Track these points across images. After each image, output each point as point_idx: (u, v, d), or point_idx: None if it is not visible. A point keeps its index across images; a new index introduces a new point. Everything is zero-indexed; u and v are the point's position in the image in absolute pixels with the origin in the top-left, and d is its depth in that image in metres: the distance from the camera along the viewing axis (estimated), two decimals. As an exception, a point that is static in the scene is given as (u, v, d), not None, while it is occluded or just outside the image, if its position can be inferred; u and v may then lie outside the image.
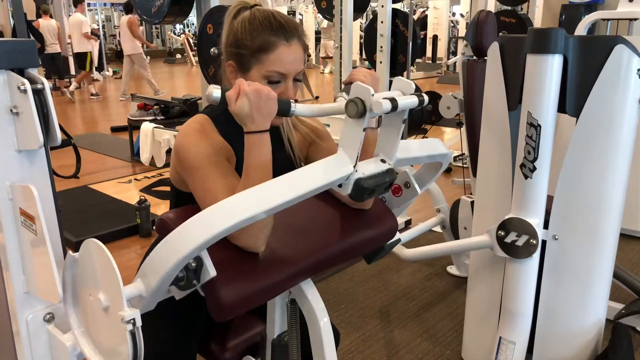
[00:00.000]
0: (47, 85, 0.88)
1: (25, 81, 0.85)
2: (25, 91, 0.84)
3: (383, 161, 0.97)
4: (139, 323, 0.78)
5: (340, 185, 0.91)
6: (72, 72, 11.38)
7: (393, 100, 0.87)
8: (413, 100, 0.92)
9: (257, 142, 1.00)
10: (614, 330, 1.83)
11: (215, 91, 0.96)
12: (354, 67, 4.15)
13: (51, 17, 10.08)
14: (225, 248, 1.04)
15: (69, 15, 11.48)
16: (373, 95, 0.86)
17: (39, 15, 10.04)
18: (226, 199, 0.83)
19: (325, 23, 12.61)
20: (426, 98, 0.94)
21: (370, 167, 0.95)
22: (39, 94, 0.86)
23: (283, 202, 0.84)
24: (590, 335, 1.65)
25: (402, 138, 1.01)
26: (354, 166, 0.90)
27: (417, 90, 0.96)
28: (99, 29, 13.34)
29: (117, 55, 17.35)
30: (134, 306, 0.86)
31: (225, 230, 0.80)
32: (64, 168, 2.12)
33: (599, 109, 1.47)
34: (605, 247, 1.58)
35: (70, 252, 0.87)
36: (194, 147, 1.11)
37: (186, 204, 1.14)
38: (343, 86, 1.15)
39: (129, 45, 9.08)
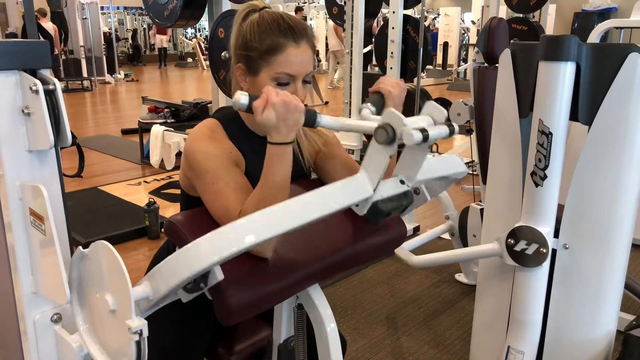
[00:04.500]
0: (59, 86, 0.88)
1: (37, 82, 0.85)
2: (37, 92, 0.85)
3: (402, 182, 0.95)
4: (145, 333, 0.78)
5: (357, 205, 0.89)
6: (85, 74, 11.49)
7: (424, 131, 0.84)
8: (443, 131, 0.89)
9: (279, 153, 0.98)
10: (624, 342, 1.80)
11: (243, 98, 0.93)
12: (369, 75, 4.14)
13: (51, 19, 10.35)
14: (233, 251, 1.04)
15: (84, 19, 11.61)
16: (405, 125, 0.83)
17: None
18: (243, 218, 0.81)
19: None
20: (456, 127, 0.91)
21: (388, 189, 0.92)
22: (50, 95, 0.87)
23: (300, 224, 0.83)
24: (601, 347, 1.63)
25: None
26: (374, 190, 0.89)
27: (427, 96, 0.95)
28: (112, 32, 13.44)
29: (129, 59, 17.51)
30: (140, 306, 0.86)
31: (240, 250, 0.79)
32: (69, 170, 2.14)
33: (612, 117, 1.45)
34: (617, 257, 1.56)
35: (80, 247, 0.88)
36: (203, 151, 1.10)
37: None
38: (369, 94, 1.14)
39: (335, 42, 10.90)
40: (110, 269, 0.81)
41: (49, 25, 10.11)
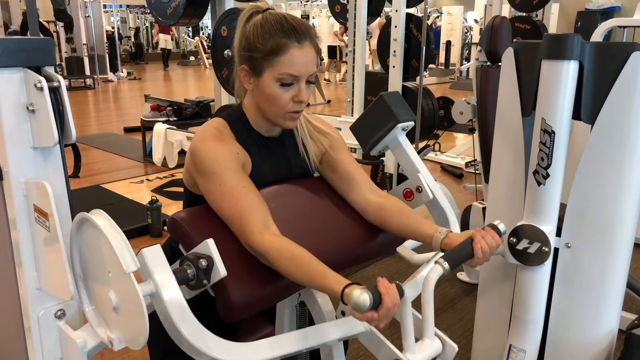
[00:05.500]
0: (63, 83, 0.89)
1: (42, 79, 0.85)
2: (41, 89, 0.85)
3: None
4: None
5: None
6: (87, 72, 11.50)
7: None
8: None
9: (332, 293, 0.97)
10: (626, 341, 1.80)
11: (367, 300, 0.86)
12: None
13: (55, 17, 10.39)
14: (236, 249, 1.04)
15: (86, 17, 11.63)
16: None
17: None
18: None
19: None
20: None
21: None
22: (54, 92, 0.87)
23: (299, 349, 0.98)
24: (602, 346, 1.63)
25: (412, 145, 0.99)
26: None
27: (429, 95, 0.94)
28: (114, 30, 13.45)
29: (131, 57, 17.52)
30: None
31: None
32: (70, 169, 2.14)
33: (615, 116, 1.45)
34: (619, 256, 1.56)
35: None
36: (210, 151, 1.10)
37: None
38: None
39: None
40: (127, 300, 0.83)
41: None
